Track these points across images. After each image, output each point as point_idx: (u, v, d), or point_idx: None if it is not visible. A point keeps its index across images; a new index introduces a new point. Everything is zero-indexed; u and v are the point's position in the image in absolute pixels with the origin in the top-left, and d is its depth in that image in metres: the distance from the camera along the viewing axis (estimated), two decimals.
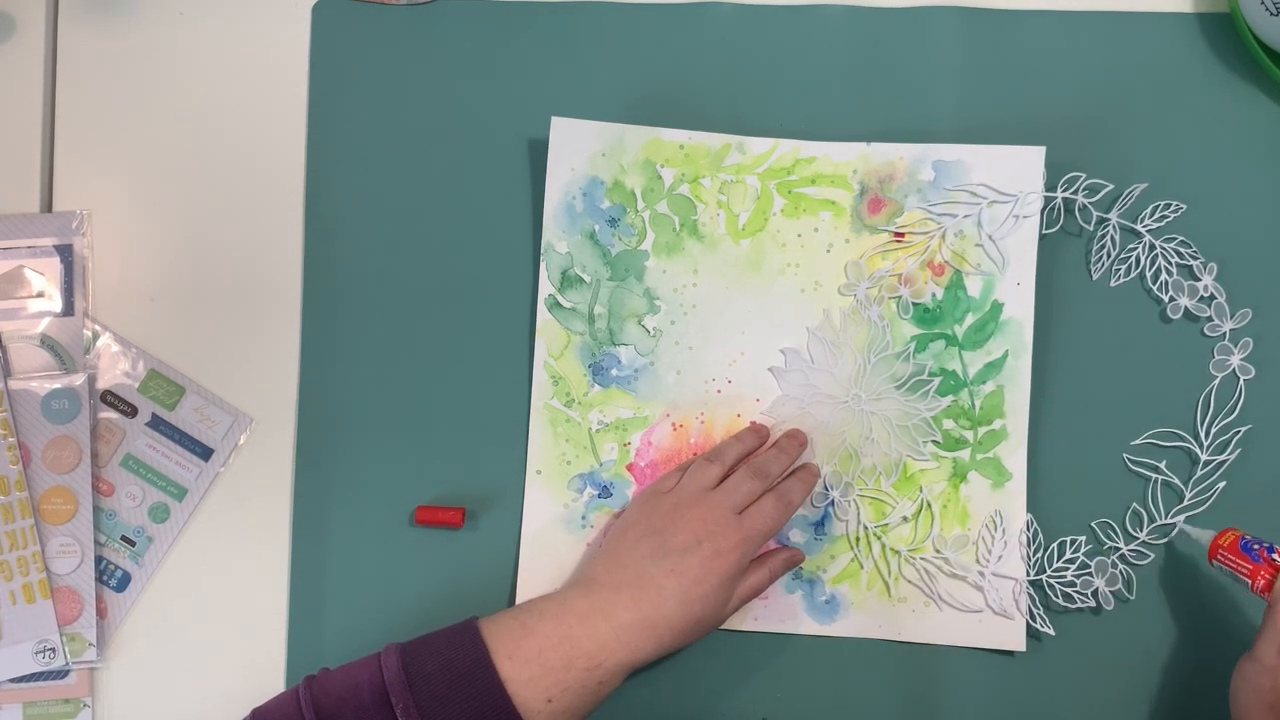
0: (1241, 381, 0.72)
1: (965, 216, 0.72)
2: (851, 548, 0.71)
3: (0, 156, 0.74)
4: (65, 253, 0.74)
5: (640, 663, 0.62)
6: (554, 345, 0.72)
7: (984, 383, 0.72)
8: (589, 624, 0.62)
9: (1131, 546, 0.71)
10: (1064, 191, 0.72)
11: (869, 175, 0.73)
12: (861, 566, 0.71)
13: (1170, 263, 0.73)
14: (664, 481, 0.70)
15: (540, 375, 0.72)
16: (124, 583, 0.72)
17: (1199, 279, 0.72)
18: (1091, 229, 0.73)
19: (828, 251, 0.73)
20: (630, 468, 0.72)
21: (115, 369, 0.73)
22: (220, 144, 0.75)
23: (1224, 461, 0.71)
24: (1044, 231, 0.73)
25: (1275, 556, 0.64)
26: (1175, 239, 0.73)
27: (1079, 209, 0.73)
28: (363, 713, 0.58)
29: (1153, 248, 0.73)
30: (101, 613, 0.71)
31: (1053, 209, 0.73)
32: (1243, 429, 0.72)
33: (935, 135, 0.73)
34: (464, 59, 0.75)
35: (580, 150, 0.73)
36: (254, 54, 0.76)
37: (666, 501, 0.67)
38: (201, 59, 0.76)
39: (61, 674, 0.71)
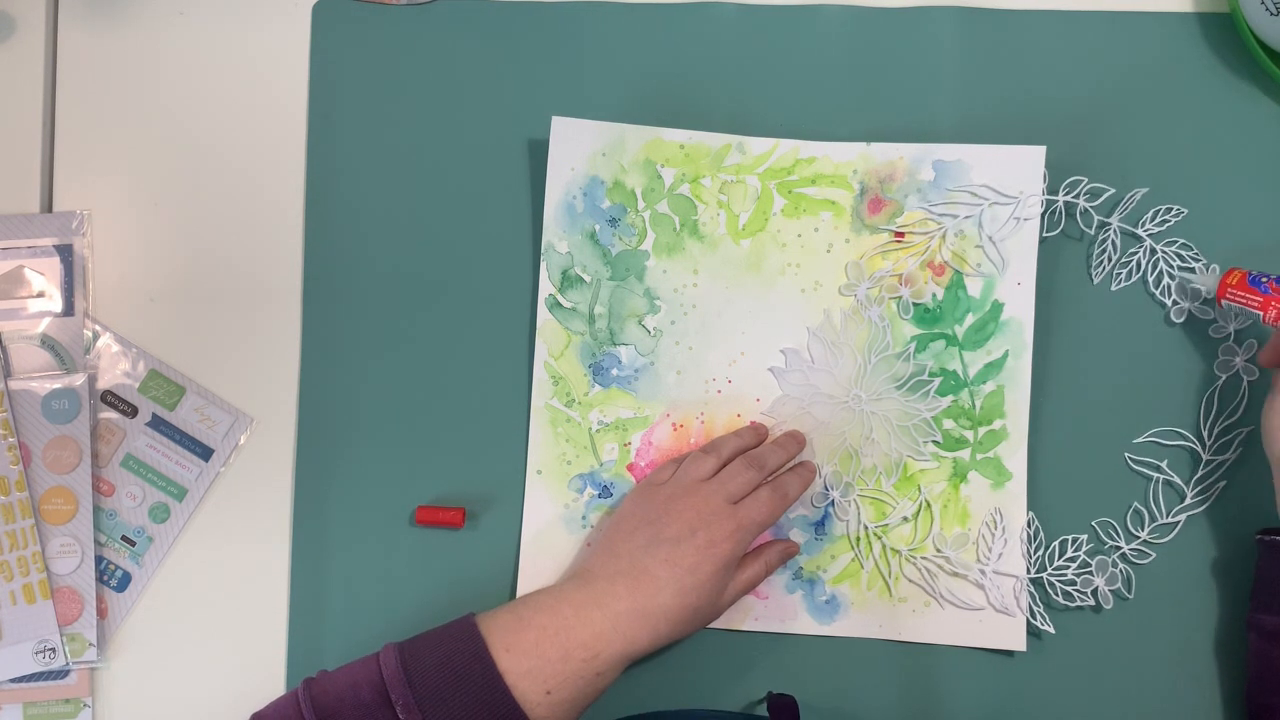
0: (1245, 383, 0.72)
1: (966, 217, 0.72)
2: (852, 547, 0.71)
3: (0, 156, 0.74)
4: (65, 253, 0.74)
5: (637, 653, 0.62)
6: (554, 345, 0.72)
7: (984, 383, 0.72)
8: (585, 615, 0.62)
9: (1132, 546, 0.71)
10: (1065, 195, 0.72)
11: (869, 175, 0.73)
12: (862, 566, 0.71)
13: (1172, 266, 0.73)
14: (659, 473, 0.70)
15: (540, 375, 0.72)
16: (124, 583, 0.72)
17: (1204, 278, 0.72)
18: (1092, 233, 0.73)
19: (828, 251, 0.73)
20: (631, 468, 0.72)
21: (115, 369, 0.73)
22: (220, 144, 0.75)
23: (1226, 461, 0.71)
24: (1045, 234, 0.73)
25: None
26: (1176, 242, 0.73)
27: (1080, 212, 0.73)
28: (363, 711, 0.58)
29: (1154, 251, 0.73)
30: (102, 613, 0.71)
31: (1054, 212, 0.73)
32: (1245, 430, 0.72)
33: (935, 135, 0.73)
34: (464, 59, 0.75)
35: (581, 150, 0.73)
36: (254, 54, 0.76)
37: (661, 492, 0.67)
38: (201, 59, 0.76)
39: (62, 674, 0.71)
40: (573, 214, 0.73)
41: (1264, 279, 0.67)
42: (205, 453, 0.73)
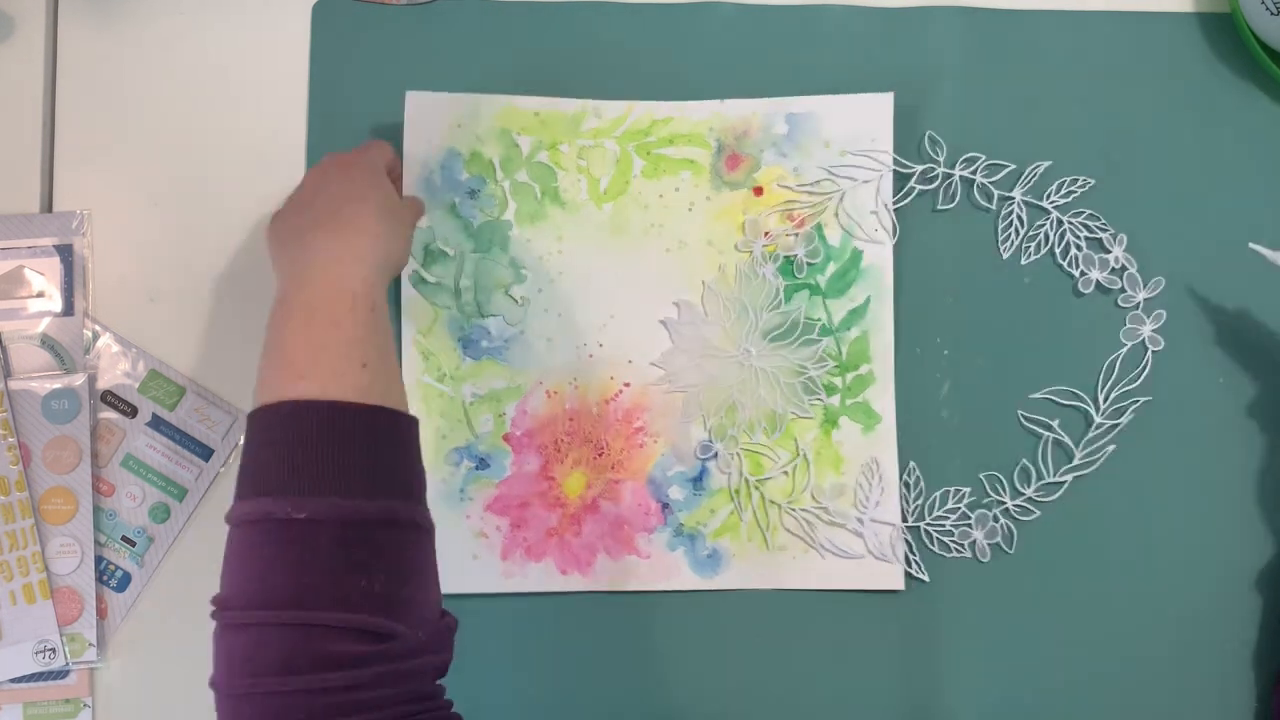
0: (1150, 353, 0.72)
1: (840, 191, 0.72)
2: (731, 499, 0.72)
3: (0, 156, 0.74)
4: (65, 253, 0.74)
5: (377, 261, 0.60)
6: (421, 321, 0.73)
7: (849, 329, 0.73)
8: (306, 289, 0.58)
9: (1016, 502, 0.72)
10: (963, 170, 0.73)
11: (725, 132, 0.73)
12: (741, 519, 0.72)
13: (1079, 237, 0.73)
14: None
15: (410, 352, 0.72)
16: (124, 583, 0.72)
17: (1109, 251, 0.73)
18: (995, 208, 0.73)
19: (689, 210, 0.73)
20: (507, 438, 0.72)
21: (115, 369, 0.73)
22: (220, 144, 0.75)
23: (1119, 426, 0.72)
24: (940, 207, 0.73)
25: None
26: (1083, 213, 0.73)
27: (979, 188, 0.73)
28: (275, 556, 0.53)
29: (1060, 224, 0.73)
30: (101, 613, 0.71)
31: (950, 187, 0.73)
32: (1144, 399, 0.72)
33: (934, 134, 0.73)
34: (464, 59, 0.75)
35: (437, 123, 0.73)
36: (254, 54, 0.76)
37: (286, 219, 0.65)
38: (201, 58, 0.76)
39: (61, 674, 0.71)
40: (431, 188, 0.73)
41: None
42: (205, 453, 0.73)
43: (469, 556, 0.71)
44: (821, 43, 0.75)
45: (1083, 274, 0.73)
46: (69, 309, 0.73)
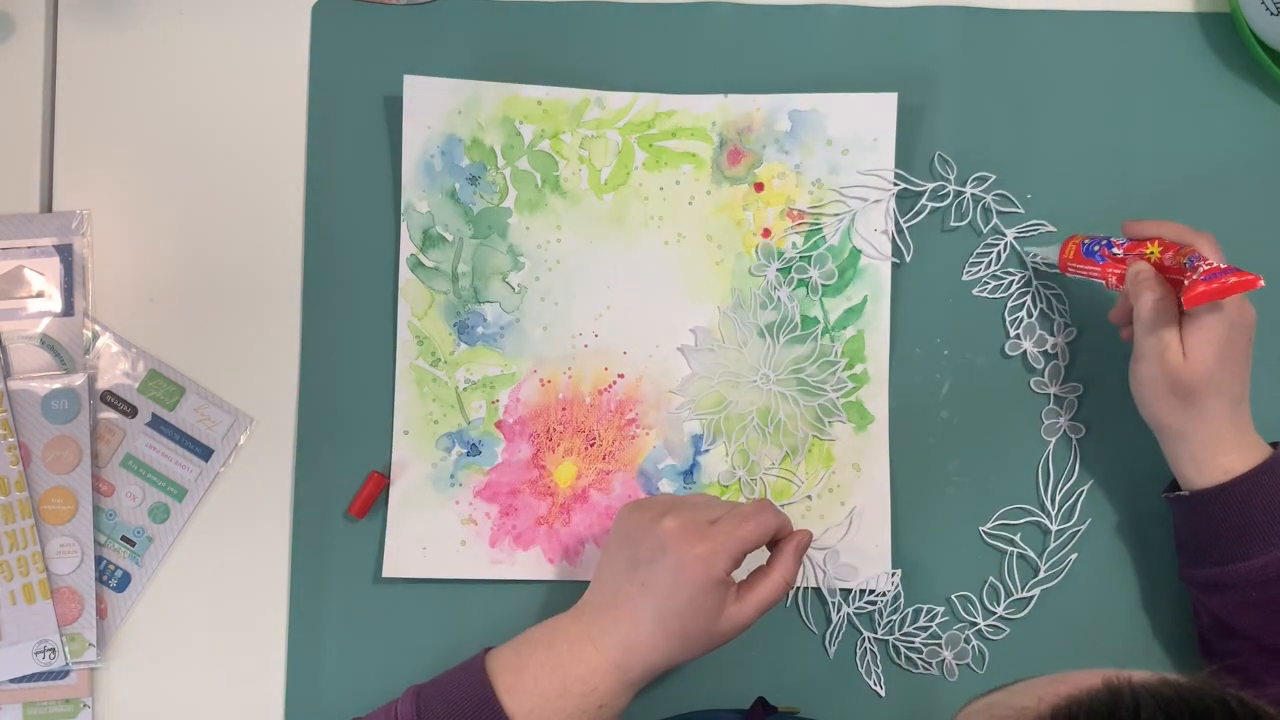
0: (1074, 442, 0.72)
1: (859, 201, 0.72)
2: (722, 492, 0.72)
3: (0, 156, 0.74)
4: (65, 253, 0.73)
5: (636, 681, 0.61)
6: (417, 305, 0.73)
7: (845, 328, 0.73)
8: (577, 650, 0.60)
9: (989, 622, 0.71)
10: (974, 189, 0.73)
11: (727, 127, 0.74)
12: None
13: (1035, 305, 0.73)
14: (658, 496, 0.68)
15: (404, 336, 0.73)
16: (124, 583, 0.72)
17: (1054, 335, 0.73)
18: (984, 233, 0.73)
19: (690, 204, 0.73)
20: (499, 425, 0.72)
21: (115, 369, 0.73)
22: (220, 144, 0.75)
23: (1077, 531, 0.72)
24: (954, 224, 0.73)
25: (1115, 251, 0.66)
26: (1054, 288, 0.73)
27: (983, 210, 0.73)
28: None
29: (1029, 282, 0.73)
30: (101, 613, 0.71)
31: (961, 204, 0.73)
32: (1084, 487, 0.72)
33: (934, 134, 0.74)
34: (464, 59, 0.75)
35: (436, 108, 0.73)
36: (254, 54, 0.76)
37: (647, 509, 0.62)
38: (201, 59, 0.76)
39: (61, 674, 0.71)
40: (431, 173, 0.73)
41: (1097, 247, 0.67)
42: (205, 453, 0.73)
43: (457, 543, 0.71)
44: (822, 42, 0.75)
45: (1016, 337, 0.72)
46: (69, 309, 0.73)
